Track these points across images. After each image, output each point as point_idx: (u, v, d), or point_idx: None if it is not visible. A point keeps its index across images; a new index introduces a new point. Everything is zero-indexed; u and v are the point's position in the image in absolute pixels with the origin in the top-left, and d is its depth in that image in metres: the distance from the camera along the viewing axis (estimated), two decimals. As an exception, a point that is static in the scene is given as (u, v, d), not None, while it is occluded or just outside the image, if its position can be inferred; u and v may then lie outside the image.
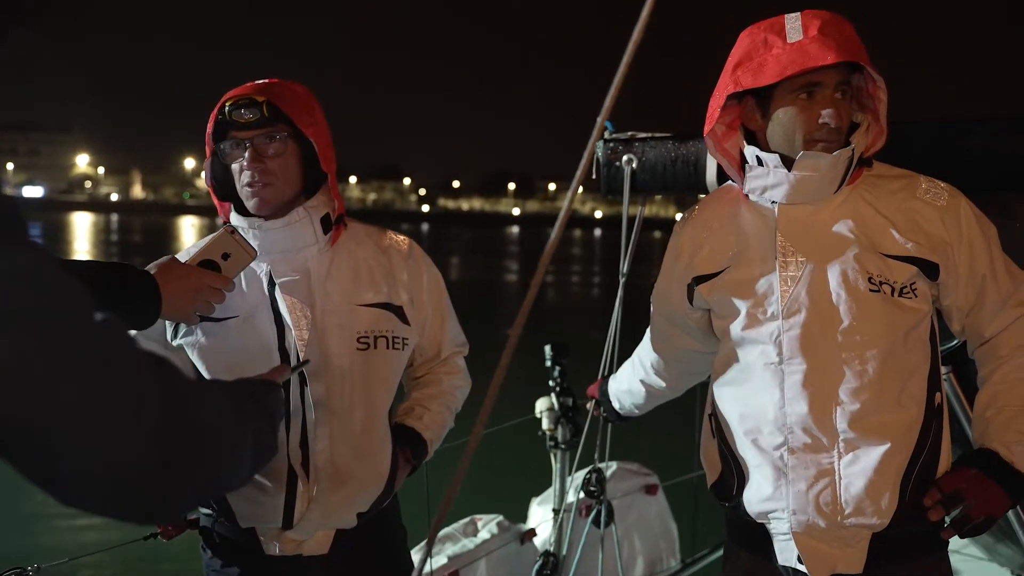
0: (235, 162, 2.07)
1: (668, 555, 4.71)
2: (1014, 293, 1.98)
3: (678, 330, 2.27)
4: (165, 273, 1.87)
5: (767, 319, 1.97)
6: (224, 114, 2.02)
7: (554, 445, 3.99)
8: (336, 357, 2.10)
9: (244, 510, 2.10)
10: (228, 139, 2.06)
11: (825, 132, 1.90)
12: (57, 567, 2.38)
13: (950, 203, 1.97)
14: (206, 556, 2.21)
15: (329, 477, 2.09)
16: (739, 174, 2.06)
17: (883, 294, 1.91)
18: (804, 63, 1.84)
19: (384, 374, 2.19)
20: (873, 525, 1.92)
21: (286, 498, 2.07)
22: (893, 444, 1.89)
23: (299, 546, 2.12)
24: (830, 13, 1.91)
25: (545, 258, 0.99)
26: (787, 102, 1.92)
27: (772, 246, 1.99)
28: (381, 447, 2.18)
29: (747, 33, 1.97)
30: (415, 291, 2.26)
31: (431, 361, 2.39)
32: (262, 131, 2.04)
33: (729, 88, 1.96)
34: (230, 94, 2.05)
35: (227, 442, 1.02)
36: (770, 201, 2.01)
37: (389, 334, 2.17)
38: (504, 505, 4.37)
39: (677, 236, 2.20)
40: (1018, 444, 1.90)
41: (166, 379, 0.91)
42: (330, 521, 2.12)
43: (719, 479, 2.13)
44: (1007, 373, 1.96)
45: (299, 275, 2.11)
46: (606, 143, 3.02)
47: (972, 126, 2.51)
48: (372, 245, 2.24)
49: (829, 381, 1.91)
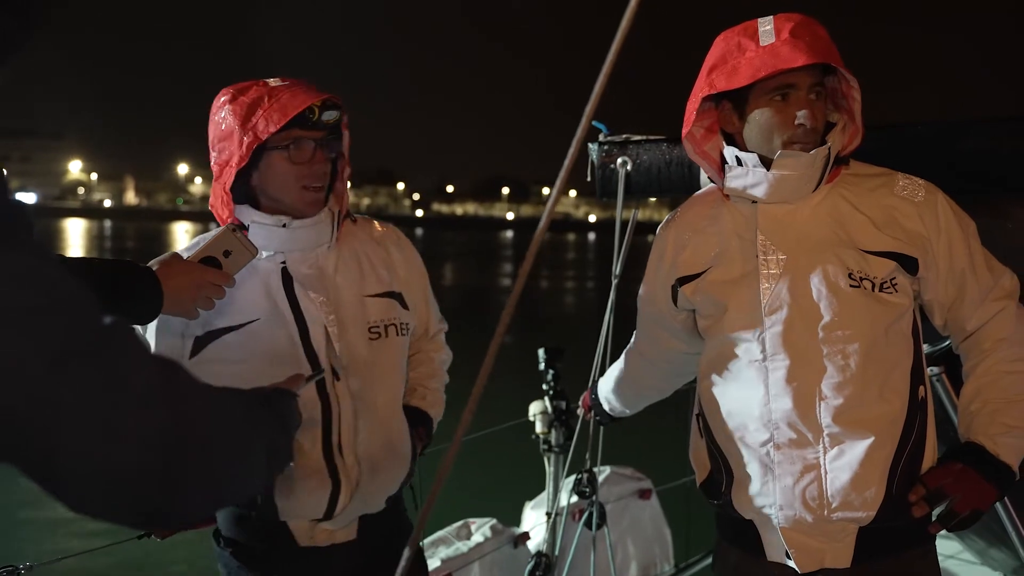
0: (298, 164, 2.05)
1: (662, 560, 4.71)
2: (994, 287, 2.00)
3: (664, 331, 2.29)
4: (167, 269, 1.88)
5: (750, 317, 1.99)
6: (312, 114, 2.01)
7: (548, 448, 3.99)
8: (357, 348, 2.14)
9: (286, 505, 2.12)
10: (289, 140, 2.03)
11: (801, 133, 1.93)
12: (49, 566, 2.37)
13: (927, 198, 1.99)
14: (225, 554, 2.18)
15: (368, 466, 2.14)
16: (719, 175, 2.09)
17: (863, 289, 1.93)
18: (776, 65, 1.87)
19: (396, 360, 2.25)
20: (859, 519, 1.93)
21: (331, 491, 2.11)
22: (877, 437, 1.91)
23: (332, 535, 2.17)
24: (802, 16, 1.93)
25: (533, 247, 0.99)
26: (762, 104, 1.95)
27: (753, 245, 2.01)
28: (403, 430, 2.26)
29: (722, 37, 2.00)
30: (409, 276, 2.32)
31: (420, 340, 2.47)
32: (330, 133, 2.08)
33: (704, 91, 1.99)
34: (305, 96, 2.00)
35: (234, 449, 1.01)
36: (750, 201, 2.04)
37: (396, 321, 2.23)
38: (498, 509, 4.37)
39: (660, 238, 2.23)
40: (1003, 436, 1.92)
41: (172, 383, 0.90)
42: (365, 508, 2.18)
43: (708, 477, 2.15)
44: (991, 366, 1.98)
45: (314, 272, 2.15)
46: (600, 146, 3.02)
47: (966, 128, 2.52)
48: (366, 237, 2.29)
49: (812, 376, 1.93)
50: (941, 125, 2.59)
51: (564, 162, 0.99)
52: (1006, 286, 2.01)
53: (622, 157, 2.96)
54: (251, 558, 2.17)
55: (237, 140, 2.02)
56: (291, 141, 2.04)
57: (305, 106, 2.00)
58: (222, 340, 2.07)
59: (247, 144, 2.01)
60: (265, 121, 1.99)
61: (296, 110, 1.99)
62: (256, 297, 2.08)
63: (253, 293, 2.09)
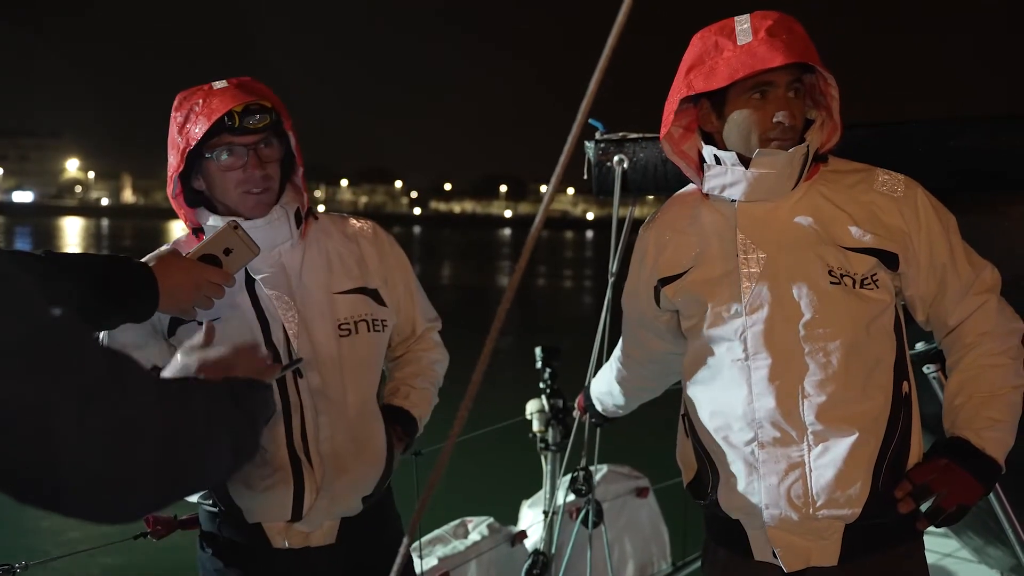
0: (232, 171, 2.05)
1: (659, 558, 4.71)
2: (975, 281, 1.99)
3: (648, 332, 2.29)
4: (165, 266, 1.86)
5: (731, 316, 1.99)
6: (232, 120, 1.99)
7: (545, 447, 3.99)
8: (323, 347, 2.13)
9: (251, 506, 2.10)
10: (221, 146, 2.03)
11: (779, 131, 1.93)
12: (44, 565, 2.36)
13: (907, 194, 1.99)
14: (205, 555, 2.19)
15: (333, 464, 2.12)
16: (698, 175, 2.09)
17: (844, 286, 1.93)
18: (753, 65, 1.87)
19: (369, 357, 2.23)
20: (845, 516, 1.93)
21: (294, 490, 2.09)
22: (861, 434, 1.91)
23: (307, 538, 2.14)
24: (779, 13, 1.93)
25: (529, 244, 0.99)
26: (741, 103, 1.95)
27: (733, 244, 2.01)
28: (376, 429, 2.22)
29: (699, 36, 2.00)
30: (386, 272, 2.30)
31: (408, 340, 2.44)
32: (263, 136, 2.05)
33: (682, 92, 1.99)
34: (228, 100, 1.99)
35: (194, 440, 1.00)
36: (730, 199, 2.03)
37: (368, 317, 2.21)
38: (494, 507, 4.36)
39: (642, 239, 2.23)
40: (988, 430, 1.92)
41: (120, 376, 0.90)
42: (337, 509, 2.15)
43: (695, 478, 2.15)
44: (974, 360, 1.98)
45: (276, 270, 2.14)
46: (597, 144, 3.02)
47: (962, 127, 2.52)
48: (338, 233, 2.28)
49: (794, 374, 1.93)
50: (936, 123, 2.59)
51: (559, 159, 0.99)
52: (987, 280, 2.00)
53: (618, 155, 2.96)
54: (228, 560, 2.16)
55: (176, 147, 2.04)
56: (223, 147, 2.03)
57: (224, 111, 1.98)
58: (187, 327, 2.06)
59: (181, 150, 2.02)
60: (192, 127, 2.00)
61: (216, 115, 1.97)
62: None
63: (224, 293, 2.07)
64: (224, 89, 2.03)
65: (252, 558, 2.15)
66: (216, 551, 2.17)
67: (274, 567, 2.14)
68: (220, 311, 2.06)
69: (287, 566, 2.14)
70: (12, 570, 2.23)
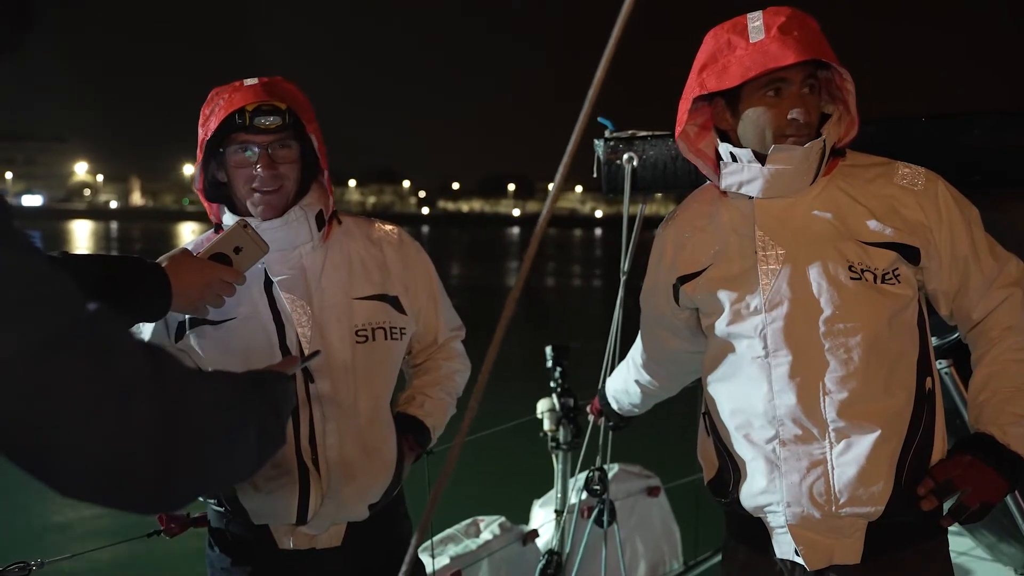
0: (243, 168, 2.06)
1: (670, 557, 4.70)
2: (1000, 274, 1.97)
3: (666, 331, 2.27)
4: (176, 266, 1.88)
5: (751, 313, 1.98)
6: (243, 119, 2.00)
7: (556, 446, 3.99)
8: (337, 351, 2.11)
9: (257, 507, 2.10)
10: (236, 143, 2.04)
11: (795, 128, 1.92)
12: (59, 563, 2.37)
13: (927, 187, 1.97)
14: (213, 554, 2.20)
15: (340, 471, 2.10)
16: (715, 172, 2.07)
17: (865, 281, 1.91)
18: (766, 64, 1.85)
19: (384, 365, 2.20)
20: (868, 513, 1.91)
21: (300, 494, 2.08)
22: (883, 431, 1.89)
23: (312, 540, 2.14)
24: (792, 10, 1.91)
25: (535, 239, 0.99)
26: (755, 101, 1.94)
27: (751, 241, 2.00)
28: (386, 437, 2.20)
29: (711, 35, 1.98)
30: (408, 280, 2.27)
31: (429, 348, 2.41)
32: (278, 136, 2.04)
33: (696, 91, 1.98)
34: (241, 97, 2.00)
35: (224, 432, 1.02)
36: (747, 196, 2.02)
37: (387, 325, 2.18)
38: (506, 507, 4.36)
39: (660, 238, 2.22)
40: (1013, 426, 1.89)
41: (159, 368, 0.91)
42: (343, 514, 2.14)
43: (716, 476, 2.14)
44: (999, 355, 1.95)
45: (295, 272, 2.12)
46: (606, 142, 3.02)
47: (970, 122, 2.51)
48: (363, 238, 2.25)
49: (815, 371, 1.91)
50: (944, 118, 2.58)
51: (563, 157, 0.99)
52: (1012, 273, 1.98)
53: (628, 153, 2.96)
54: (235, 559, 2.16)
55: (200, 138, 2.06)
56: (238, 144, 2.04)
57: (235, 108, 1.98)
58: (201, 330, 2.07)
59: (200, 141, 2.04)
60: (211, 121, 2.02)
61: (226, 112, 1.98)
62: (237, 295, 2.06)
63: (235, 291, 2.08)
64: (247, 87, 2.04)
65: (259, 557, 2.15)
66: (224, 549, 2.18)
67: (280, 566, 2.15)
68: (237, 312, 2.06)
69: (293, 566, 2.14)
70: (28, 568, 2.24)
